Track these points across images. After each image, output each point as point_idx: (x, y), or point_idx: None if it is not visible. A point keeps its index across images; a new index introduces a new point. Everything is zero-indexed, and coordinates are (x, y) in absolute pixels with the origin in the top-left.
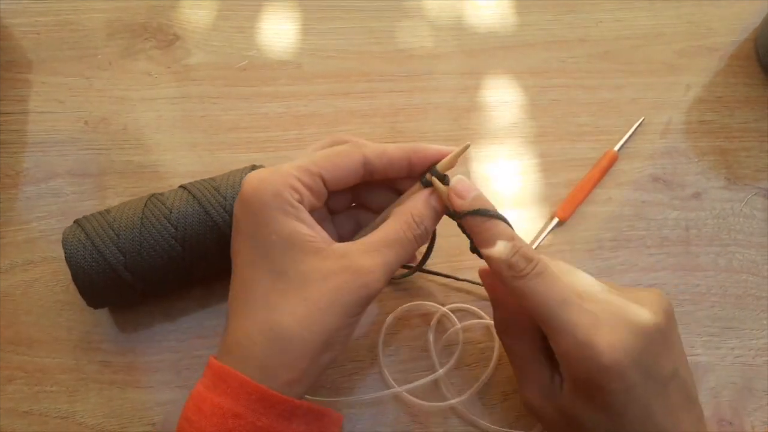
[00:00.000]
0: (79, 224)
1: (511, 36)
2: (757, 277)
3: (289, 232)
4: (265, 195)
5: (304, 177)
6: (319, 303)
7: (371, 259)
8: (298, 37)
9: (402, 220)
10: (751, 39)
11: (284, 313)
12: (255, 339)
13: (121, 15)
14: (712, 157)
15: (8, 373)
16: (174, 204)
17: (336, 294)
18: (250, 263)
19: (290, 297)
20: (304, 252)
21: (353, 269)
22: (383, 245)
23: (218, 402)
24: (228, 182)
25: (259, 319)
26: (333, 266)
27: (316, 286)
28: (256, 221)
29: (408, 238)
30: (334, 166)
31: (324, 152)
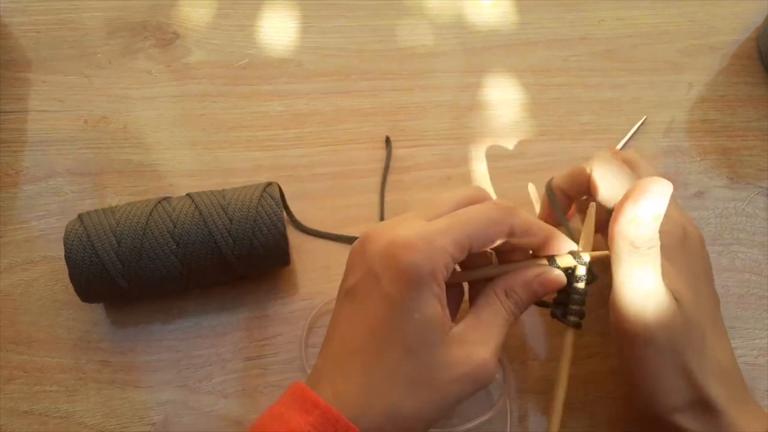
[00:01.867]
0: (83, 222)
1: (512, 34)
2: (759, 276)
3: (431, 315)
4: (423, 272)
5: (457, 254)
6: (443, 391)
7: (487, 348)
8: (298, 36)
9: (507, 301)
10: (753, 38)
11: (409, 395)
12: (373, 406)
13: (121, 13)
14: (715, 156)
15: (8, 373)
16: (179, 218)
17: (459, 385)
18: (385, 330)
19: (418, 380)
20: (438, 337)
21: (475, 362)
22: (494, 327)
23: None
24: (237, 202)
25: (382, 390)
26: (458, 356)
27: (443, 374)
28: (405, 294)
29: (510, 319)
30: (485, 238)
31: (475, 219)
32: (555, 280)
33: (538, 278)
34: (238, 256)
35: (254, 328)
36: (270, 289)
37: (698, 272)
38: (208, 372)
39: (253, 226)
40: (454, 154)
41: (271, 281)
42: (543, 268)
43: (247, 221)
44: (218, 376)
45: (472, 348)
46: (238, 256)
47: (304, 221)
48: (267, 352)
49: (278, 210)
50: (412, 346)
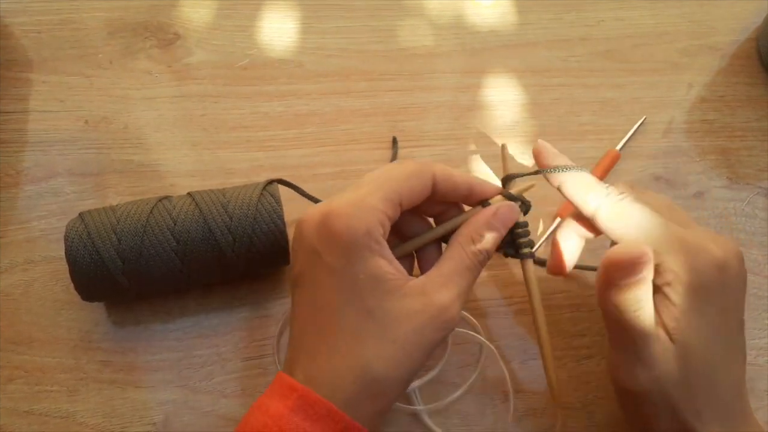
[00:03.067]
0: (83, 220)
1: (512, 35)
2: (758, 276)
3: (376, 271)
4: (356, 233)
5: (389, 210)
6: (406, 344)
7: (448, 293)
8: (299, 36)
9: (472, 246)
10: (752, 38)
11: (374, 355)
12: (344, 377)
13: (122, 14)
14: (714, 157)
15: (8, 373)
16: (179, 216)
17: (421, 334)
18: (336, 299)
19: (380, 339)
20: (389, 291)
21: (435, 307)
22: (455, 275)
23: (304, 426)
24: (237, 200)
25: (347, 359)
26: (415, 305)
27: (403, 327)
28: (345, 259)
29: (475, 264)
30: (411, 191)
31: (399, 175)
32: (511, 210)
33: (496, 215)
34: (237, 253)
35: (255, 328)
36: (270, 289)
37: (728, 305)
38: (208, 372)
39: (253, 224)
40: (454, 154)
41: (272, 281)
42: (496, 204)
43: (247, 219)
44: (219, 375)
45: (430, 296)
46: (237, 254)
47: None
48: (267, 352)
49: (278, 208)
50: (366, 307)
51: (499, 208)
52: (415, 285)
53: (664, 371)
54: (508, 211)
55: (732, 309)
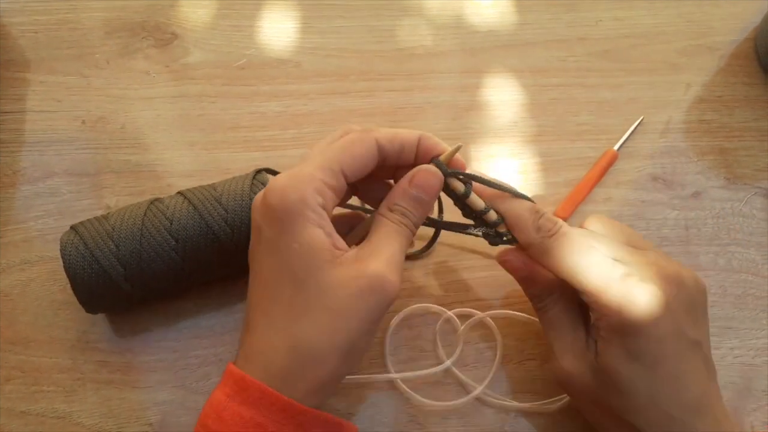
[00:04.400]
0: (77, 232)
1: (510, 35)
2: (756, 276)
3: (309, 241)
4: (289, 202)
5: (327, 178)
6: (341, 311)
7: (379, 259)
8: (297, 36)
9: (392, 215)
10: (750, 38)
11: (307, 323)
12: (278, 349)
13: (120, 14)
14: (712, 157)
15: (5, 373)
16: (174, 215)
17: (356, 301)
18: (272, 272)
19: (312, 307)
20: (324, 260)
21: (368, 274)
22: (384, 242)
23: (240, 411)
24: (230, 192)
25: (282, 330)
26: (350, 273)
27: (337, 295)
28: (279, 230)
29: (403, 230)
30: (352, 158)
31: (339, 145)
32: (428, 174)
33: (412, 182)
34: (237, 244)
35: None
36: None
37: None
38: (205, 372)
39: (249, 213)
40: None
41: None
42: (412, 170)
43: (243, 210)
44: (216, 376)
45: (362, 263)
46: (237, 245)
47: None
48: None
49: None
50: (299, 276)
51: (415, 174)
52: (349, 255)
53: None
54: (425, 175)
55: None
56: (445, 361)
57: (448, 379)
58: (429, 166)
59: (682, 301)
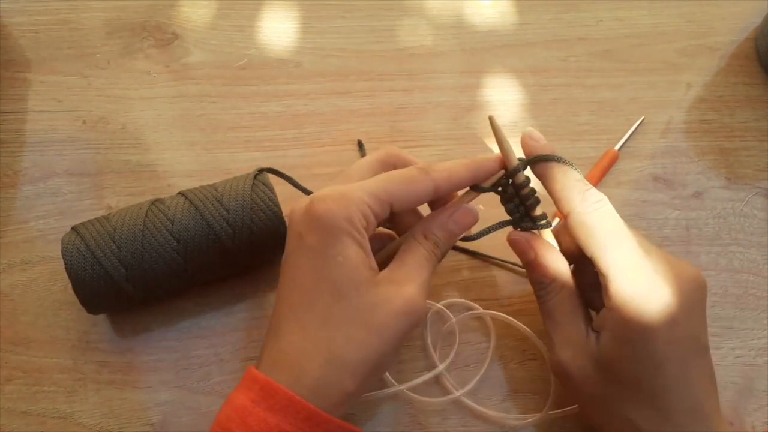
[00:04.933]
0: (78, 233)
1: (511, 35)
2: (757, 276)
3: (353, 257)
4: (338, 218)
5: (374, 205)
6: (377, 329)
7: (412, 283)
8: (297, 36)
9: (426, 242)
10: (751, 38)
11: (344, 336)
12: (312, 359)
13: (120, 14)
14: (713, 157)
15: (6, 373)
16: (176, 215)
17: (393, 321)
18: (312, 279)
19: (351, 322)
20: (364, 278)
21: (404, 296)
22: (416, 267)
23: (265, 417)
24: (231, 192)
25: (317, 339)
26: (387, 293)
27: (376, 313)
28: (324, 241)
29: (433, 258)
30: (406, 195)
31: (394, 178)
32: (468, 214)
33: (452, 217)
34: (239, 245)
35: (253, 329)
36: (269, 289)
37: (669, 342)
38: (206, 372)
39: (251, 214)
40: (452, 154)
41: (270, 281)
42: (455, 206)
43: (244, 210)
44: (217, 376)
45: (399, 286)
46: (239, 245)
47: None
48: None
49: (272, 195)
50: (340, 289)
51: (454, 212)
52: (384, 276)
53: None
54: (464, 215)
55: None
56: (438, 366)
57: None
58: (469, 206)
59: (700, 305)
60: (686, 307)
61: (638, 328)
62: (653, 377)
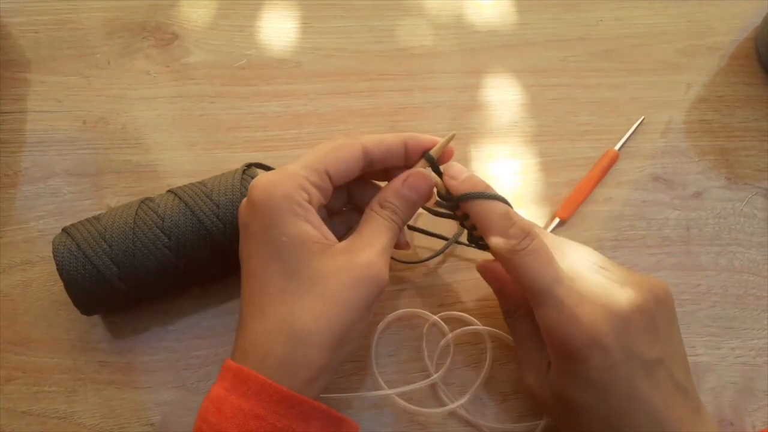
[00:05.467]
0: (69, 233)
1: (511, 35)
2: (757, 276)
3: (298, 233)
4: (275, 198)
5: (311, 176)
6: (335, 297)
7: (369, 250)
8: (297, 36)
9: (383, 211)
10: (751, 38)
11: (302, 310)
12: (274, 338)
13: (120, 14)
14: (713, 157)
15: (6, 373)
16: (166, 212)
17: (350, 290)
18: (263, 265)
19: (306, 295)
20: (314, 251)
21: (360, 263)
22: (374, 235)
23: (239, 403)
24: (220, 187)
25: (276, 319)
26: (342, 263)
27: (331, 282)
28: (266, 224)
29: (392, 225)
30: (337, 160)
31: (325, 147)
32: (421, 178)
33: (406, 183)
34: (230, 239)
35: None
36: None
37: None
38: (206, 372)
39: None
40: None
41: None
42: (408, 172)
43: (234, 204)
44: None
45: (354, 254)
46: (230, 240)
47: None
48: None
49: None
50: (290, 267)
51: (408, 176)
52: (339, 247)
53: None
54: (418, 179)
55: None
56: (433, 375)
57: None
58: (423, 171)
59: (641, 320)
60: (617, 328)
61: (570, 359)
62: (600, 403)
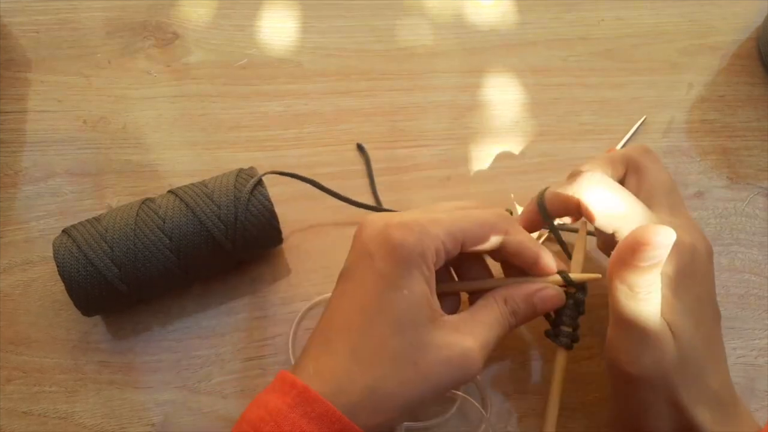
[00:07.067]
0: (70, 235)
1: (512, 34)
2: (759, 276)
3: (420, 293)
4: (413, 250)
5: (448, 242)
6: (427, 373)
7: (476, 338)
8: (298, 36)
9: (505, 307)
10: (753, 38)
11: (392, 371)
12: (354, 381)
13: (121, 13)
14: (714, 157)
15: (7, 373)
16: (167, 213)
17: (444, 368)
18: (375, 307)
19: (402, 357)
20: (425, 317)
21: (463, 347)
22: (486, 324)
23: (300, 424)
24: (221, 188)
25: (365, 366)
26: (446, 338)
27: (429, 355)
28: (395, 270)
29: (505, 324)
30: (477, 238)
31: (474, 217)
32: (555, 296)
33: (539, 293)
34: (232, 240)
35: (254, 329)
36: (269, 289)
37: (701, 295)
38: (207, 372)
39: (243, 209)
40: (453, 154)
41: (271, 281)
42: (545, 284)
43: (235, 205)
44: (217, 376)
45: (460, 336)
46: (232, 241)
47: (304, 221)
48: (266, 353)
49: (263, 190)
50: (400, 322)
51: (544, 289)
52: (449, 321)
53: (668, 354)
54: (553, 295)
55: (705, 299)
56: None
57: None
58: (559, 291)
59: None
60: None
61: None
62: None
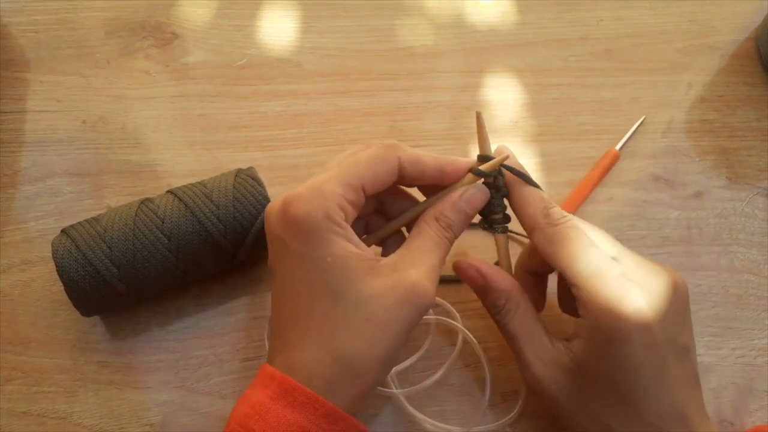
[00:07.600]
0: (69, 235)
1: (512, 34)
2: (758, 276)
3: (342, 254)
4: (316, 218)
5: (349, 194)
6: (381, 322)
7: (419, 269)
8: (297, 36)
9: (437, 225)
10: (752, 38)
11: (349, 335)
12: (322, 362)
13: (120, 13)
14: (714, 157)
15: (6, 374)
16: (166, 213)
17: (396, 311)
18: (305, 285)
19: (352, 318)
20: (359, 272)
21: (407, 283)
22: (425, 251)
23: (284, 414)
24: (220, 188)
25: (323, 342)
26: (387, 282)
27: (376, 305)
28: (308, 243)
29: (444, 242)
30: (374, 175)
31: (362, 159)
32: (479, 193)
33: (462, 197)
34: (230, 240)
35: (252, 329)
36: (268, 289)
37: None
38: (206, 373)
39: (242, 209)
40: (453, 154)
41: (270, 281)
42: (464, 186)
43: (233, 205)
44: (216, 376)
45: (401, 273)
46: (231, 241)
47: None
48: (265, 353)
49: (262, 190)
50: (336, 289)
51: (465, 191)
52: (386, 263)
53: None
54: (476, 194)
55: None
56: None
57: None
58: (481, 187)
59: (676, 306)
60: (660, 310)
61: (612, 334)
62: (631, 381)
